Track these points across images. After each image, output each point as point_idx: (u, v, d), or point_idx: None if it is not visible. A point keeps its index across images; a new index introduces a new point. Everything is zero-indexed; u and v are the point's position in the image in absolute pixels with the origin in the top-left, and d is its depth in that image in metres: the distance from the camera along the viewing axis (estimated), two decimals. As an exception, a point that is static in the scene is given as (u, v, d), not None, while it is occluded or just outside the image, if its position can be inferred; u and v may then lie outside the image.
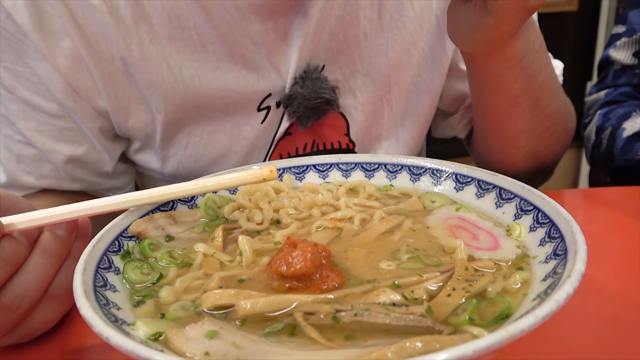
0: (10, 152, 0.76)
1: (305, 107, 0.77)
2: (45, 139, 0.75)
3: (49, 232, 0.49)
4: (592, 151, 1.14)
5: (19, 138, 0.75)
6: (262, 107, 0.78)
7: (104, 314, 0.40)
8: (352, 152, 0.86)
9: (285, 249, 0.47)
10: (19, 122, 0.74)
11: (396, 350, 0.35)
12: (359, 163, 0.69)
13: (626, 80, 1.15)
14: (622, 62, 1.14)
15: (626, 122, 1.06)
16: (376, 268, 0.48)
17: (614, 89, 1.16)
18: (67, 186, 0.81)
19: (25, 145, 0.76)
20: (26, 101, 0.73)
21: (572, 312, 0.54)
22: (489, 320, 0.40)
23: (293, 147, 0.83)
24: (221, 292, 0.44)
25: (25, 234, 0.48)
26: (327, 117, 0.81)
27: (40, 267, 0.48)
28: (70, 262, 0.52)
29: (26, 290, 0.48)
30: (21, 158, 0.77)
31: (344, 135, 0.84)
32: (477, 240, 0.51)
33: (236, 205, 0.61)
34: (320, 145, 0.84)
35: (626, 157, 1.05)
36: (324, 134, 0.83)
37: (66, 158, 0.77)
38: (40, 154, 0.76)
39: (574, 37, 2.94)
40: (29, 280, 0.48)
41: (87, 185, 0.83)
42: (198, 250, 0.53)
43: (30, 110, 0.74)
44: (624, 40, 1.14)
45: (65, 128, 0.76)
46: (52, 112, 0.75)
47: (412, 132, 0.88)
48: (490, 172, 0.58)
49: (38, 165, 0.77)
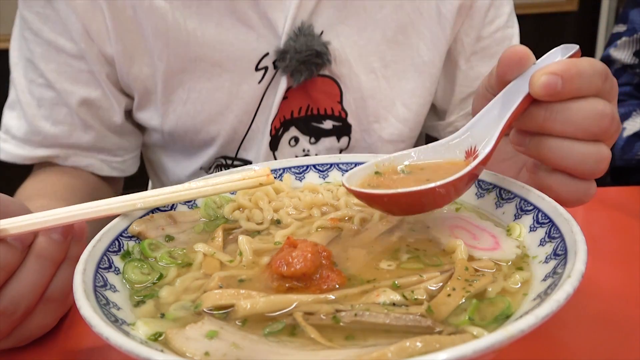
0: (32, 96, 0.82)
1: (297, 61, 0.80)
2: (63, 79, 0.82)
3: (44, 236, 0.49)
4: None
5: (41, 81, 0.82)
6: (260, 67, 0.82)
7: (104, 314, 0.40)
8: (344, 121, 0.88)
9: (285, 249, 0.47)
10: (42, 63, 0.81)
11: (396, 350, 0.35)
12: (359, 163, 0.69)
13: (626, 79, 1.15)
14: (623, 61, 1.14)
15: (626, 122, 1.06)
16: (376, 268, 0.48)
17: None
18: (77, 137, 0.85)
19: (46, 87, 0.82)
20: (50, 43, 0.80)
21: (572, 312, 0.54)
22: (489, 320, 0.40)
23: (288, 111, 0.86)
24: (221, 292, 0.44)
25: (19, 239, 0.47)
26: (321, 83, 0.85)
27: (35, 272, 0.48)
28: (66, 266, 0.51)
29: (22, 296, 0.47)
30: (41, 102, 0.83)
31: (337, 102, 0.87)
32: (477, 240, 0.51)
33: (236, 205, 0.61)
34: (314, 110, 0.86)
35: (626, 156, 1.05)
36: (318, 100, 0.86)
37: (81, 100, 0.83)
38: (58, 97, 0.82)
39: (574, 37, 2.94)
40: (25, 286, 0.47)
41: (96, 138, 0.86)
42: (198, 250, 0.53)
43: (53, 52, 0.81)
44: (624, 40, 1.13)
45: (82, 70, 0.82)
46: (72, 53, 0.81)
47: (411, 112, 0.89)
48: (491, 172, 0.58)
49: (55, 109, 0.83)
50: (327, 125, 0.89)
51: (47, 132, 0.84)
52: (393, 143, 0.91)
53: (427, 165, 0.55)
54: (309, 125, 0.89)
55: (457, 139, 0.55)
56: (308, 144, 0.90)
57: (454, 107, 0.95)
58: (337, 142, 0.91)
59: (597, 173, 0.51)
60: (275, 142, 0.88)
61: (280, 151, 0.89)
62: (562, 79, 0.47)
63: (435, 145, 0.56)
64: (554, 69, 0.47)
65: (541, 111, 0.49)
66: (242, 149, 0.90)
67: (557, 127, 0.49)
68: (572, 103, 0.48)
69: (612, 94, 0.51)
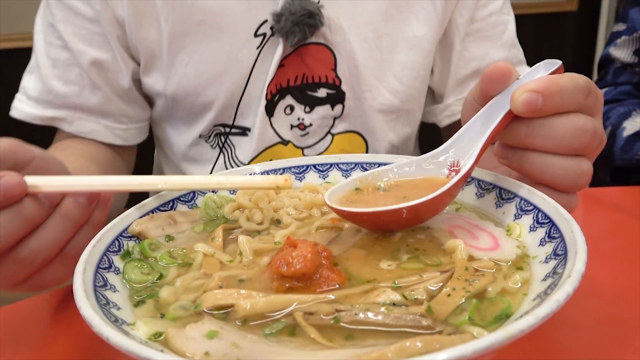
0: (49, 58, 0.90)
1: (291, 22, 0.84)
2: (78, 41, 0.88)
3: (71, 198, 0.52)
4: None
5: (58, 43, 0.89)
6: (259, 33, 0.87)
7: (104, 314, 0.40)
8: (338, 88, 0.92)
9: (285, 249, 0.47)
10: (61, 25, 0.88)
11: (396, 350, 0.35)
12: (359, 163, 0.69)
13: (626, 78, 1.15)
14: (623, 60, 1.13)
15: (626, 122, 1.06)
16: (376, 268, 0.48)
17: (613, 88, 1.15)
18: (85, 98, 0.91)
19: (62, 49, 0.89)
20: (70, 7, 0.88)
21: (572, 312, 0.54)
22: (488, 320, 0.40)
23: (285, 79, 0.89)
24: (221, 292, 0.44)
25: (49, 197, 0.51)
26: (316, 50, 0.89)
27: (57, 230, 0.51)
28: (87, 229, 0.54)
29: (41, 248, 0.51)
30: (56, 63, 0.90)
31: (331, 70, 0.90)
32: (476, 240, 0.51)
33: (236, 205, 0.61)
34: (309, 79, 0.90)
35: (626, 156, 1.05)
36: (313, 68, 0.89)
37: (92, 60, 0.89)
38: (72, 57, 0.89)
39: (574, 37, 2.94)
40: (46, 240, 0.51)
41: (102, 100, 0.92)
42: (198, 250, 0.53)
43: (72, 15, 0.88)
44: (624, 39, 1.13)
45: (96, 33, 0.89)
46: (89, 17, 0.88)
47: (402, 84, 0.92)
48: (491, 172, 0.58)
49: (68, 70, 0.90)
50: (321, 94, 0.92)
51: (59, 91, 0.90)
52: (384, 113, 0.94)
53: (407, 182, 0.57)
54: (304, 94, 0.91)
55: (440, 153, 0.56)
56: (303, 112, 0.92)
57: (450, 90, 0.97)
58: (331, 110, 0.93)
59: (578, 187, 0.52)
60: (271, 107, 0.91)
61: (275, 117, 0.92)
62: (542, 96, 0.48)
63: (419, 159, 0.57)
64: (534, 86, 0.48)
65: (523, 127, 0.50)
66: (239, 115, 0.92)
67: (538, 143, 0.50)
68: (553, 119, 0.49)
69: (595, 108, 0.52)
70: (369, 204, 0.53)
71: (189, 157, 0.99)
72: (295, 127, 0.93)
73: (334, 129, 0.95)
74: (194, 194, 0.63)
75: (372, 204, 0.53)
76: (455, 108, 0.98)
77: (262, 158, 0.94)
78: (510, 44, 0.96)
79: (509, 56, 0.96)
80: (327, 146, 0.95)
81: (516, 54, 0.98)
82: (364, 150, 0.97)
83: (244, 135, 0.94)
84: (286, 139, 0.94)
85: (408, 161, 0.58)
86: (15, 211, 0.48)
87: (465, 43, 0.94)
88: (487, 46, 0.95)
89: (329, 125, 0.95)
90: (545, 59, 0.55)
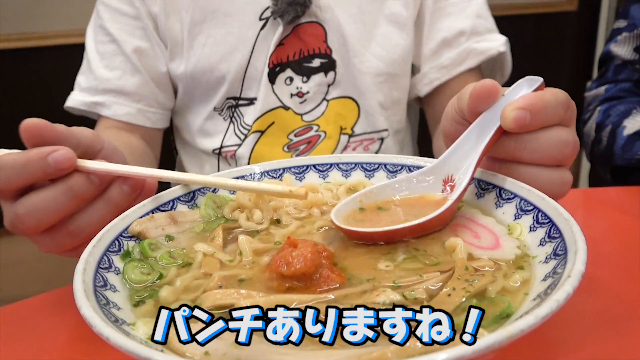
0: (98, 53, 1.07)
1: (286, 3, 1.00)
2: (123, 33, 1.06)
3: (117, 186, 0.59)
4: (592, 148, 1.13)
5: (106, 39, 1.06)
6: (263, 17, 1.03)
7: (104, 314, 0.40)
8: (329, 57, 1.06)
9: (285, 248, 0.47)
10: (108, 24, 1.06)
11: (396, 350, 0.35)
12: (359, 163, 0.69)
13: (626, 75, 1.15)
14: (623, 57, 1.13)
15: (626, 120, 1.06)
16: (375, 268, 0.48)
17: (614, 85, 1.15)
18: (125, 79, 1.06)
19: (109, 42, 1.06)
20: (116, 9, 1.06)
21: (572, 312, 0.54)
22: (488, 320, 0.40)
23: (285, 55, 1.05)
24: (221, 292, 0.44)
25: (99, 177, 0.58)
26: (309, 27, 1.04)
27: (101, 211, 0.59)
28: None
29: (86, 225, 0.59)
30: (104, 55, 1.06)
31: (323, 42, 1.05)
32: (478, 239, 0.51)
33: (236, 204, 0.61)
34: (305, 52, 1.05)
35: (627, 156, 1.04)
36: (308, 42, 1.05)
37: (134, 48, 1.06)
38: (117, 48, 1.06)
39: (574, 37, 2.94)
40: (91, 218, 0.59)
41: (140, 83, 1.07)
42: (198, 250, 0.53)
43: (118, 15, 1.06)
44: (624, 35, 1.13)
45: (138, 27, 1.06)
46: (131, 15, 1.06)
47: (384, 50, 1.07)
48: (490, 172, 0.58)
49: (113, 58, 1.06)
50: (315, 64, 1.06)
51: (103, 76, 1.06)
52: (371, 76, 1.06)
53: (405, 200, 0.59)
54: (302, 66, 1.06)
55: (434, 168, 0.59)
56: (301, 82, 1.06)
57: (425, 60, 1.10)
58: (324, 77, 1.07)
59: (560, 195, 0.56)
60: (273, 76, 1.05)
61: (277, 85, 1.06)
62: (530, 113, 0.52)
63: (415, 174, 0.60)
64: (522, 104, 0.52)
65: (511, 142, 0.55)
66: (246, 88, 1.06)
67: (525, 156, 0.55)
68: (538, 133, 0.54)
69: (572, 119, 0.57)
70: (373, 222, 0.55)
71: (203, 131, 1.13)
72: (294, 95, 1.07)
73: (329, 95, 1.08)
74: (194, 193, 0.63)
75: (376, 222, 0.55)
76: (432, 75, 1.09)
77: (265, 119, 1.07)
78: (475, 15, 1.07)
79: (475, 24, 1.07)
80: (323, 111, 1.08)
81: (483, 24, 1.08)
82: (357, 112, 1.09)
83: (252, 105, 1.08)
84: (287, 105, 1.07)
85: (406, 178, 0.61)
86: (67, 186, 0.56)
87: (433, 19, 1.09)
88: (450, 20, 1.08)
89: (324, 92, 1.08)
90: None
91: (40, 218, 0.57)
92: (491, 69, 1.13)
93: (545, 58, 2.94)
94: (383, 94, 1.08)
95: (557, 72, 3.00)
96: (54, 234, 0.59)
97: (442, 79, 1.07)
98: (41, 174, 0.55)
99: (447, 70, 1.07)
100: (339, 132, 1.09)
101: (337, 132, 1.09)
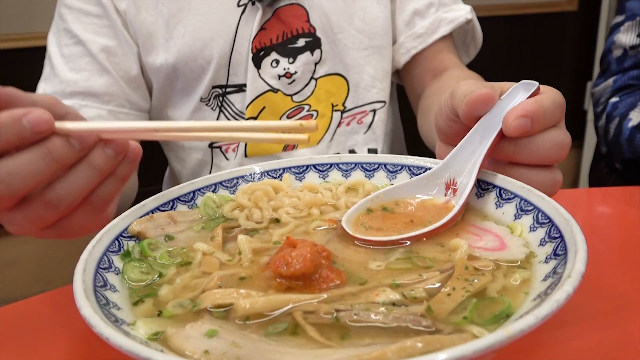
0: (62, 56, 1.03)
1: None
2: (89, 33, 1.02)
3: (100, 149, 0.54)
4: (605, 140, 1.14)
5: (71, 41, 1.02)
6: (241, 3, 1.03)
7: (104, 314, 0.40)
8: (313, 35, 1.06)
9: (284, 249, 0.47)
10: (73, 25, 1.02)
11: (396, 350, 0.35)
12: (359, 163, 0.69)
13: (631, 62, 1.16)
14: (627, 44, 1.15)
15: (632, 112, 1.07)
16: (375, 268, 0.48)
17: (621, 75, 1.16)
18: (93, 81, 1.01)
19: (74, 45, 1.02)
20: (79, 9, 1.02)
21: (572, 312, 0.54)
22: (488, 320, 0.40)
23: (268, 39, 1.04)
24: (221, 291, 0.44)
25: (79, 140, 0.53)
26: (290, 9, 1.04)
27: (83, 176, 0.54)
28: (112, 180, 0.57)
29: (67, 193, 0.53)
30: (69, 58, 1.02)
31: (305, 22, 1.05)
32: (482, 242, 0.51)
33: (235, 204, 0.61)
34: (288, 34, 1.04)
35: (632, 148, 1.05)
36: (290, 24, 1.04)
37: (101, 47, 1.02)
38: (83, 49, 1.02)
39: (574, 37, 2.94)
40: (72, 186, 0.53)
41: (109, 83, 1.02)
42: (197, 249, 0.53)
43: (81, 15, 1.02)
44: (628, 24, 1.16)
45: (104, 26, 1.02)
46: (96, 14, 1.02)
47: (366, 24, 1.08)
48: (491, 172, 0.58)
49: (79, 60, 1.02)
50: (300, 44, 1.06)
51: (70, 79, 1.01)
52: (357, 50, 1.07)
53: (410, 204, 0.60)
54: (286, 48, 1.05)
55: (437, 172, 0.60)
56: (287, 63, 1.05)
57: (400, 31, 1.12)
58: (311, 56, 1.06)
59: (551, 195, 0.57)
60: (258, 61, 1.04)
61: (263, 69, 1.05)
62: (531, 120, 0.54)
63: (418, 179, 0.61)
64: (524, 111, 0.54)
65: (511, 146, 0.57)
66: (232, 74, 1.05)
67: (523, 158, 0.57)
68: (537, 137, 0.56)
69: (562, 117, 0.58)
70: (381, 227, 0.56)
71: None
72: (282, 76, 1.06)
73: (316, 74, 1.08)
74: (194, 193, 0.63)
75: (383, 227, 0.56)
76: (408, 44, 1.11)
77: (256, 104, 1.05)
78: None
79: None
80: (312, 90, 1.08)
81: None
82: (346, 88, 1.10)
83: (241, 92, 1.06)
84: (276, 88, 1.06)
85: (408, 182, 0.61)
86: (45, 149, 0.51)
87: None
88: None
89: (311, 71, 1.07)
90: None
91: (15, 186, 0.51)
92: (463, 41, 1.16)
93: (545, 58, 2.94)
94: (373, 67, 1.09)
95: (557, 72, 3.00)
96: (27, 207, 0.54)
97: (419, 47, 1.09)
98: (16, 139, 0.50)
99: (423, 39, 1.09)
100: (331, 110, 1.09)
101: (329, 109, 1.09)
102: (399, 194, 0.61)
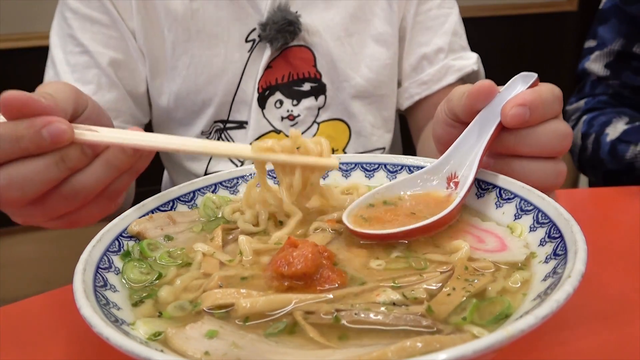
0: (68, 65, 0.98)
1: (275, 30, 0.98)
2: (97, 44, 0.98)
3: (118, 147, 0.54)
4: (580, 156, 1.19)
5: (77, 50, 0.98)
6: (249, 39, 1.02)
7: (104, 314, 0.40)
8: (319, 81, 1.06)
9: (286, 248, 0.47)
10: (79, 33, 0.97)
11: (396, 350, 0.35)
12: (359, 163, 0.69)
13: (602, 90, 1.22)
14: (597, 73, 1.20)
15: (608, 128, 1.12)
16: (375, 268, 0.48)
17: (592, 98, 1.23)
18: (101, 95, 0.97)
19: (81, 54, 0.98)
20: (86, 17, 0.98)
21: (572, 312, 0.54)
22: (488, 320, 0.40)
23: (273, 78, 1.04)
24: (221, 292, 0.44)
25: (93, 148, 0.54)
26: (298, 51, 1.04)
27: (99, 173, 0.55)
28: (127, 174, 0.57)
29: (83, 188, 0.55)
30: (75, 68, 0.98)
31: (312, 66, 1.06)
32: (483, 243, 0.51)
33: (237, 207, 0.61)
34: (294, 76, 1.05)
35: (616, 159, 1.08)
36: (297, 66, 1.04)
37: (110, 60, 0.98)
38: (90, 60, 0.98)
39: (574, 37, 2.94)
40: (88, 182, 0.55)
41: (117, 98, 1.00)
42: (197, 249, 0.53)
43: (88, 24, 0.98)
44: (597, 54, 1.21)
45: (113, 37, 0.99)
46: (105, 23, 0.98)
47: (373, 72, 1.07)
48: (491, 172, 0.58)
49: (86, 72, 0.98)
50: (306, 88, 1.06)
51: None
52: (360, 99, 1.07)
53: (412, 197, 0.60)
54: (291, 89, 1.05)
55: (437, 167, 0.60)
56: (291, 105, 1.06)
57: (406, 75, 1.12)
58: (315, 101, 1.07)
59: (557, 186, 0.58)
60: (263, 100, 1.04)
61: (267, 109, 1.05)
62: (529, 109, 0.53)
63: (419, 173, 0.61)
64: (521, 100, 0.53)
65: (511, 137, 0.56)
66: (234, 111, 1.04)
67: (525, 150, 0.56)
68: (537, 127, 0.55)
69: (560, 110, 0.58)
70: (380, 221, 0.56)
71: (190, 156, 1.10)
72: (285, 118, 1.06)
73: (319, 118, 1.08)
74: (194, 193, 0.63)
75: (383, 221, 0.55)
76: (413, 90, 1.11)
77: None
78: (451, 32, 1.10)
79: (451, 41, 1.10)
80: (314, 133, 1.08)
81: (457, 41, 1.12)
82: (347, 133, 1.10)
83: (242, 129, 1.06)
84: (278, 129, 1.05)
85: (410, 177, 0.61)
86: (60, 157, 0.52)
87: (412, 34, 1.10)
88: (429, 35, 1.10)
89: (314, 115, 1.07)
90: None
91: (27, 190, 0.52)
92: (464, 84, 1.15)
93: (545, 58, 2.94)
94: (372, 115, 1.09)
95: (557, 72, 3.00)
96: (43, 200, 0.54)
97: (423, 94, 1.10)
98: (34, 149, 0.51)
99: (428, 86, 1.10)
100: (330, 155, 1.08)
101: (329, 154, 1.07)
102: (401, 189, 0.61)
